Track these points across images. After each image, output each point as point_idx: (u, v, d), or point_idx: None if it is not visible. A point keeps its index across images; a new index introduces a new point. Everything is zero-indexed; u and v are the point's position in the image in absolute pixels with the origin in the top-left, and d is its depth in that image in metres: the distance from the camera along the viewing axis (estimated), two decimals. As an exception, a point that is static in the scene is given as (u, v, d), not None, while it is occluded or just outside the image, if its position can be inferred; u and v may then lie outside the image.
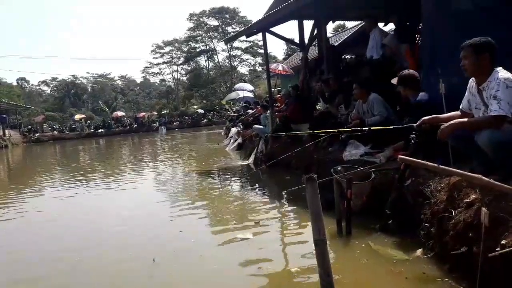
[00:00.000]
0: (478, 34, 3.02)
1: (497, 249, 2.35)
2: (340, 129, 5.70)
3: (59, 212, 6.63)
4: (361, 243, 3.72)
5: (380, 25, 8.35)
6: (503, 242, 2.33)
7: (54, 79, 64.01)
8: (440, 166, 2.89)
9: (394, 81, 5.14)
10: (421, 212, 3.51)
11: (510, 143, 2.74)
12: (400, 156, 3.43)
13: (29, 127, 39.67)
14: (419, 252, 3.31)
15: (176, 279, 3.44)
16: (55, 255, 4.34)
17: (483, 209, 2.55)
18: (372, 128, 4.65)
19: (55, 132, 38.64)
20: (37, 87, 66.80)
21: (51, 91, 65.04)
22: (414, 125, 3.64)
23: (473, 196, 2.86)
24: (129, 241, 4.60)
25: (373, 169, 4.40)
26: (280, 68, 16.92)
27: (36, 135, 36.77)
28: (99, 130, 39.38)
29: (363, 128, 4.75)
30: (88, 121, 43.20)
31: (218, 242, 4.30)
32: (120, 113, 44.89)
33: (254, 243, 4.11)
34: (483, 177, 2.57)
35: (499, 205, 2.57)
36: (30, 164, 17.85)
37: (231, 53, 55.68)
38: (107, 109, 48.19)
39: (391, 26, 8.99)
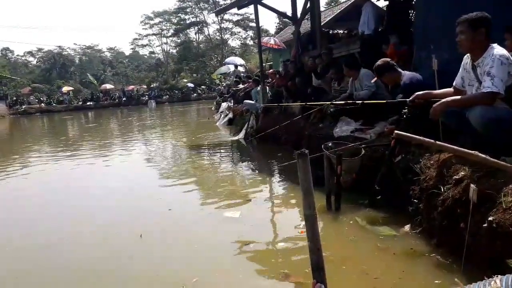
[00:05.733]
0: (472, 9, 2.98)
1: (484, 225, 2.38)
2: (333, 102, 5.67)
3: (44, 186, 6.58)
4: (350, 219, 3.75)
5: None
6: (490, 218, 2.36)
7: (40, 49, 62.36)
8: (437, 142, 2.89)
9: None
10: (410, 188, 3.53)
11: (502, 120, 2.74)
12: (396, 131, 3.42)
13: (14, 98, 38.90)
14: (407, 227, 3.36)
15: (161, 256, 3.43)
16: (38, 230, 4.32)
17: (472, 185, 2.57)
18: (365, 102, 4.62)
19: (42, 104, 37.95)
20: (23, 58, 65.11)
21: (37, 62, 63.41)
22: (407, 100, 3.63)
23: (462, 173, 2.87)
24: (117, 217, 4.58)
25: (363, 145, 4.40)
26: (272, 42, 16.63)
27: (23, 107, 36.13)
28: (88, 103, 38.79)
29: (357, 101, 4.72)
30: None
31: (207, 220, 4.30)
32: (108, 86, 44.18)
33: (244, 220, 4.12)
34: (479, 154, 2.57)
35: (488, 182, 2.59)
36: (17, 136, 17.59)
37: (222, 25, 54.65)
38: (95, 82, 47.33)
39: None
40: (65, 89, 42.91)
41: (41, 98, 40.27)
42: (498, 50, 2.80)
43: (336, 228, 3.70)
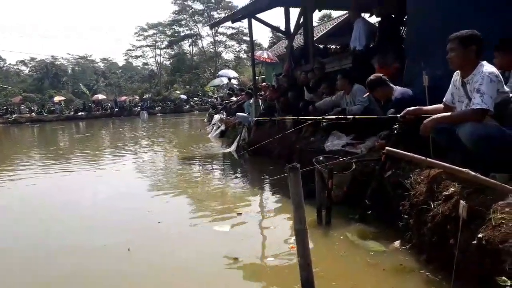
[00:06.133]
0: (463, 27, 3.03)
1: (473, 242, 2.38)
2: (325, 117, 5.70)
3: (32, 195, 6.48)
4: (340, 234, 3.72)
5: (366, 16, 8.33)
6: (479, 235, 2.36)
7: (32, 59, 62.03)
8: (428, 159, 2.90)
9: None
10: (400, 204, 3.53)
11: (491, 137, 2.77)
12: (387, 147, 3.44)
13: (5, 107, 38.59)
14: (397, 243, 3.34)
15: (149, 269, 3.36)
16: (24, 242, 4.24)
17: (462, 202, 2.57)
18: (356, 117, 4.65)
19: (33, 113, 37.64)
20: (15, 67, 64.67)
21: (29, 71, 62.99)
22: (398, 115, 3.66)
23: (452, 189, 2.88)
24: (105, 230, 4.51)
25: (354, 160, 4.41)
26: (265, 55, 16.77)
27: (13, 116, 35.83)
28: (79, 113, 38.55)
29: (348, 116, 4.75)
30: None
31: (197, 233, 4.24)
32: (101, 96, 44.01)
33: (233, 234, 4.07)
34: (470, 171, 2.58)
35: (477, 199, 2.59)
36: (7, 145, 17.36)
37: (216, 38, 55.03)
38: (87, 92, 47.19)
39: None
40: (56, 98, 42.60)
41: (32, 108, 39.97)
42: (487, 67, 2.85)
43: (327, 243, 3.68)
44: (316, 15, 33.56)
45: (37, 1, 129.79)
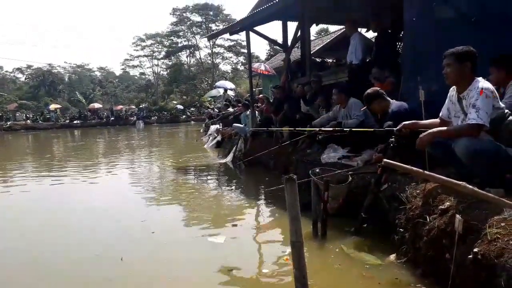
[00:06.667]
0: (459, 43, 3.07)
1: (469, 256, 2.38)
2: (321, 129, 5.71)
3: (25, 203, 6.41)
4: (335, 246, 3.71)
5: (362, 30, 8.43)
6: (475, 249, 2.36)
7: (29, 66, 62.03)
8: (425, 172, 2.91)
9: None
10: (396, 217, 3.53)
11: (486, 152, 2.79)
12: (385, 160, 3.44)
13: (0, 114, 38.46)
14: (392, 257, 3.33)
15: (142, 280, 3.32)
16: (15, 249, 4.18)
17: (457, 216, 2.57)
18: (353, 129, 4.67)
19: (28, 121, 37.51)
20: (12, 74, 64.58)
21: (25, 79, 62.92)
22: (395, 129, 3.69)
23: (448, 203, 2.89)
24: (98, 239, 4.45)
25: (350, 173, 4.42)
26: (263, 67, 16.89)
27: (8, 123, 35.71)
28: (75, 122, 38.47)
29: (345, 129, 4.76)
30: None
31: (191, 244, 4.21)
32: (97, 105, 44.02)
33: (228, 245, 4.04)
34: (467, 185, 2.59)
35: (473, 213, 2.60)
36: (0, 152, 17.26)
37: (214, 50, 55.42)
38: (83, 101, 47.18)
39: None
40: (52, 106, 42.53)
41: (28, 115, 39.85)
42: (483, 83, 2.89)
43: (322, 255, 3.66)
44: (314, 29, 33.99)
45: (39, 8, 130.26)
